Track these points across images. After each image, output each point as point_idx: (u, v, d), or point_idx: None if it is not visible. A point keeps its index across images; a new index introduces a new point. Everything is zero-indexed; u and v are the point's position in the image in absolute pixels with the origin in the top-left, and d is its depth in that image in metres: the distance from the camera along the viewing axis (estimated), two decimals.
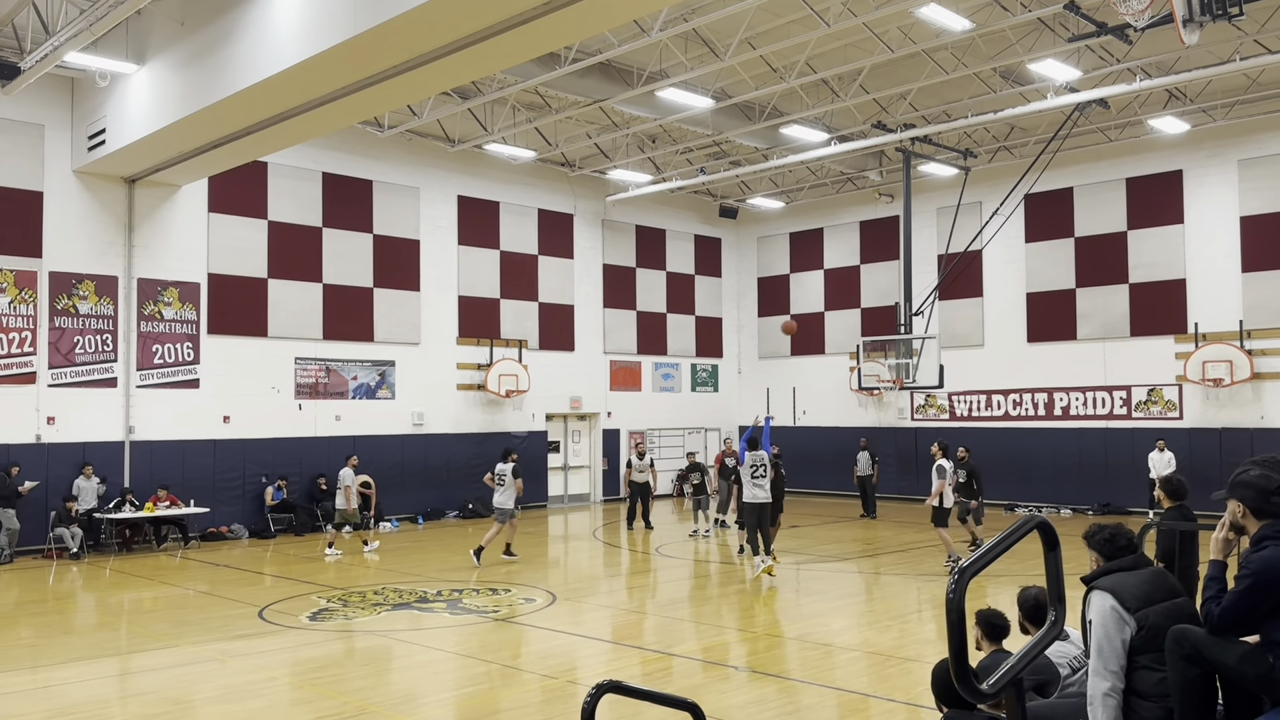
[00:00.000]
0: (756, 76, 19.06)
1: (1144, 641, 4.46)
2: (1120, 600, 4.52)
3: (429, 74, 13.33)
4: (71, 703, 8.69)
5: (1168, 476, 9.52)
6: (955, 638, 2.71)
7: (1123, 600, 4.53)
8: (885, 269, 27.57)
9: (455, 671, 9.92)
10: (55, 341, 18.42)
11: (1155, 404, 22.96)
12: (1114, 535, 4.83)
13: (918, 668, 9.46)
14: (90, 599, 14.29)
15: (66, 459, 18.32)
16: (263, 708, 8.65)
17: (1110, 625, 4.50)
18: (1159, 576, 4.75)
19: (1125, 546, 4.81)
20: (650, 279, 28.87)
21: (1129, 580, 4.62)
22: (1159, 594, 4.59)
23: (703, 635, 11.51)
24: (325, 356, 21.98)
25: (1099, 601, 4.55)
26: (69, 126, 18.62)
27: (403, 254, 23.39)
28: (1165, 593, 4.62)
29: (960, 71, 18.29)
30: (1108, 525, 4.94)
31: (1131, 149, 23.26)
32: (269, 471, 20.69)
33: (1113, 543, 4.81)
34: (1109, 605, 4.53)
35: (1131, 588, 4.57)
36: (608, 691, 3.69)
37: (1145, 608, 4.49)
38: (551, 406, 26.19)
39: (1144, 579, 4.66)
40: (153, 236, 19.69)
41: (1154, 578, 4.71)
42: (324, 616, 12.26)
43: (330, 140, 21.50)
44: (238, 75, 13.90)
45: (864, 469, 23.83)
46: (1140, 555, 4.81)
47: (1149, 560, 4.83)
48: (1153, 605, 4.51)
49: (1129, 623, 4.49)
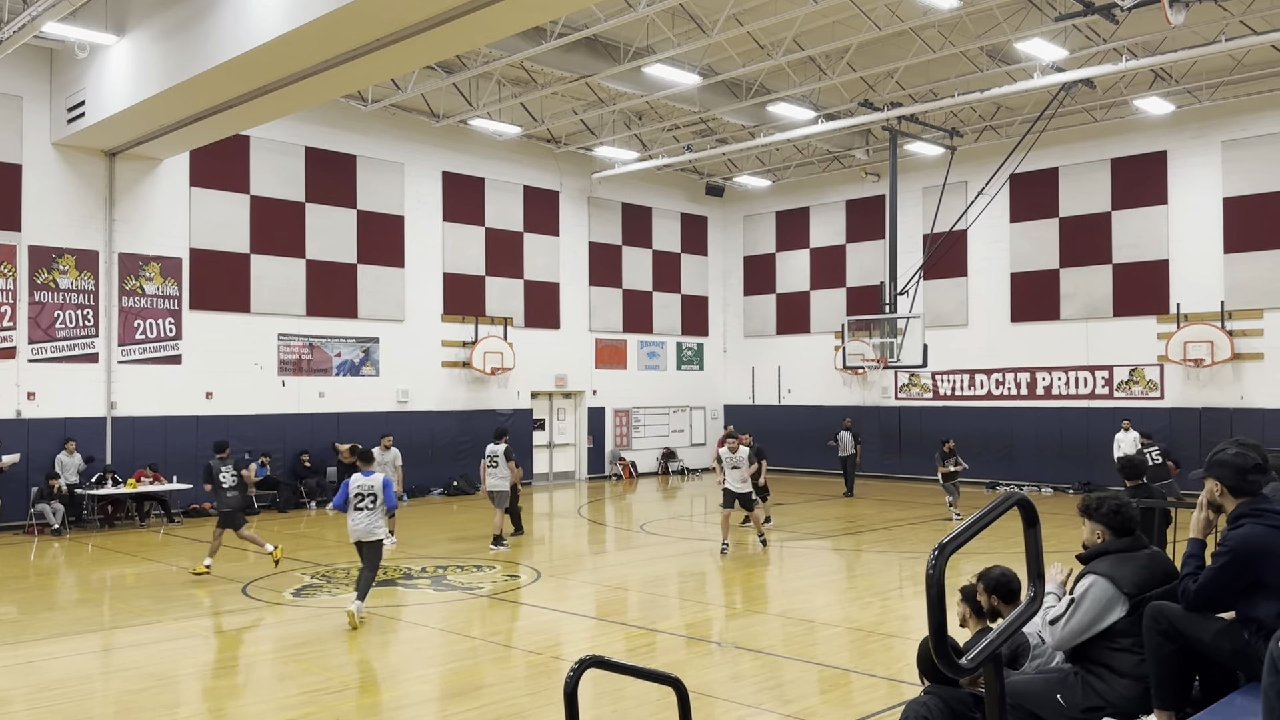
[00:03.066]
0: (744, 53, 18.98)
1: (1131, 624, 4.53)
2: (1118, 585, 4.58)
3: (413, 48, 13.21)
4: (54, 678, 8.68)
5: (1125, 457, 9.60)
6: (935, 613, 2.73)
7: (1120, 585, 4.58)
8: (871, 248, 27.59)
9: (439, 647, 9.95)
10: (35, 316, 18.26)
11: (1137, 384, 23.12)
12: (1120, 507, 4.85)
13: (899, 643, 9.55)
14: (72, 575, 14.25)
15: (48, 435, 18.21)
16: (246, 683, 8.66)
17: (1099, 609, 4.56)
18: (1155, 560, 4.80)
19: (1130, 520, 4.85)
20: (636, 257, 28.82)
21: (1127, 565, 4.67)
22: (1155, 579, 4.65)
23: (687, 611, 11.57)
24: (308, 333, 21.87)
25: (1097, 586, 4.60)
26: (48, 98, 18.39)
27: (387, 230, 23.26)
28: (1161, 577, 4.67)
29: (947, 50, 18.26)
30: (1109, 497, 4.94)
31: (1116, 129, 23.30)
32: (252, 448, 20.58)
33: (1120, 514, 4.83)
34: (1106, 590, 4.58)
35: (1130, 573, 4.63)
36: (590, 666, 3.70)
37: (1141, 593, 4.55)
38: (537, 384, 26.16)
39: (1141, 563, 4.71)
40: (134, 210, 19.50)
41: (1151, 561, 4.76)
42: (308, 593, 12.26)
43: (313, 114, 21.30)
44: (219, 47, 13.74)
45: (846, 448, 23.62)
46: (1138, 536, 4.85)
47: (1145, 541, 4.87)
48: (1149, 590, 4.56)
49: (1121, 608, 4.56)
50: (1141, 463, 9.38)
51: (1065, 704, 4.57)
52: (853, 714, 7.56)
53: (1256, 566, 4.18)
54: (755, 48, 18.70)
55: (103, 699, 8.23)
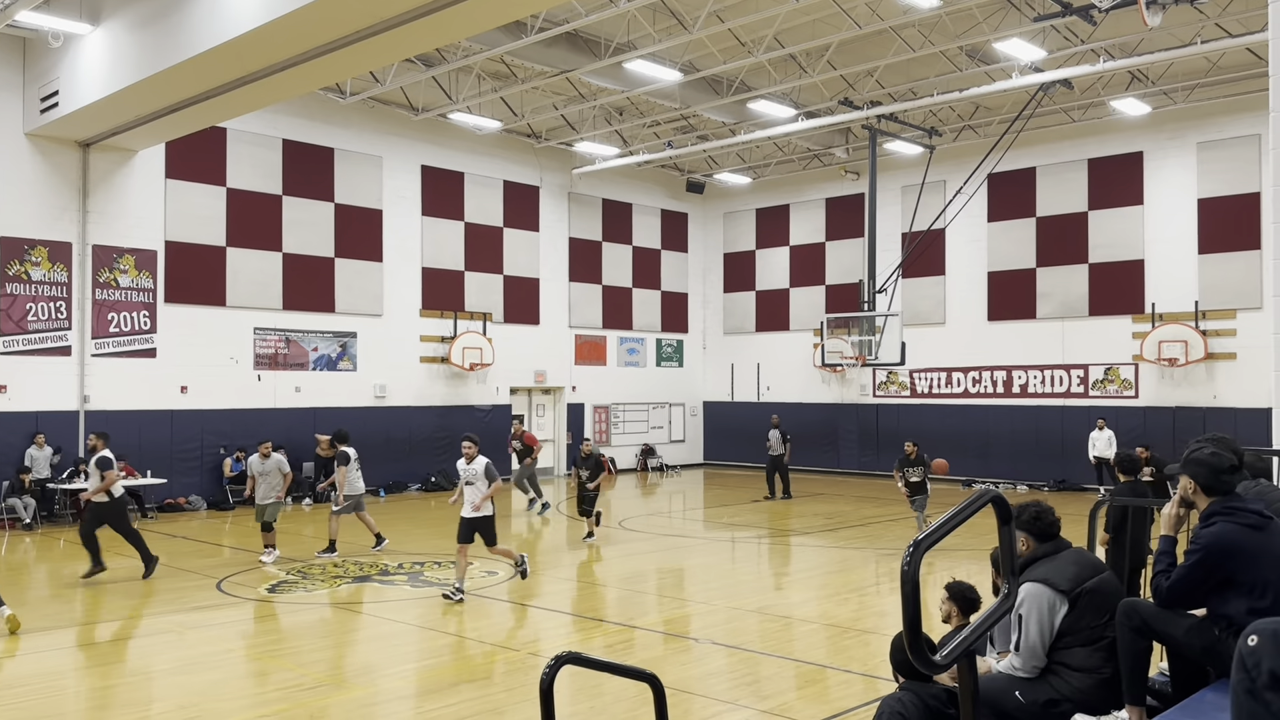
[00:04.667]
0: (725, 50, 18.98)
1: (1074, 620, 4.64)
2: (1053, 586, 4.71)
3: (392, 41, 13.14)
4: (25, 674, 8.58)
5: (1121, 453, 9.74)
6: (909, 610, 2.73)
7: (1055, 585, 4.72)
8: (850, 246, 27.68)
9: (415, 643, 9.91)
10: (7, 308, 18.04)
11: (1112, 383, 23.32)
12: (1040, 513, 4.99)
13: (875, 639, 9.59)
14: (44, 570, 14.09)
15: (18, 428, 17.99)
16: (221, 679, 8.59)
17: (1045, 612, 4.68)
18: (1081, 555, 4.95)
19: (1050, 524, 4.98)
20: (616, 253, 28.78)
21: (1056, 565, 4.81)
22: (1085, 572, 4.79)
23: (664, 608, 11.58)
24: (285, 327, 21.72)
25: (1033, 592, 4.71)
26: (20, 88, 18.15)
27: (365, 224, 23.12)
28: (1090, 570, 4.82)
29: (927, 49, 18.34)
30: (1032, 504, 5.07)
31: (1093, 130, 23.48)
32: (227, 443, 20.46)
33: (1040, 520, 4.97)
34: (1044, 593, 4.70)
35: (1061, 571, 4.78)
36: (567, 663, 3.70)
37: (1077, 587, 4.69)
38: (516, 380, 26.10)
39: (1069, 560, 4.84)
40: (108, 202, 19.29)
41: (1078, 557, 4.90)
42: (283, 589, 12.18)
43: (291, 106, 21.14)
44: (196, 38, 13.60)
45: (776, 448, 22.21)
46: (1059, 540, 4.97)
47: (1066, 541, 5.00)
48: (1083, 584, 4.70)
49: (1062, 607, 4.68)
50: (1136, 459, 9.50)
51: (1024, 700, 4.67)
52: (829, 710, 7.59)
53: (1228, 565, 4.23)
54: (736, 44, 18.71)
55: (74, 695, 8.14)
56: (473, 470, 11.42)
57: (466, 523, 11.41)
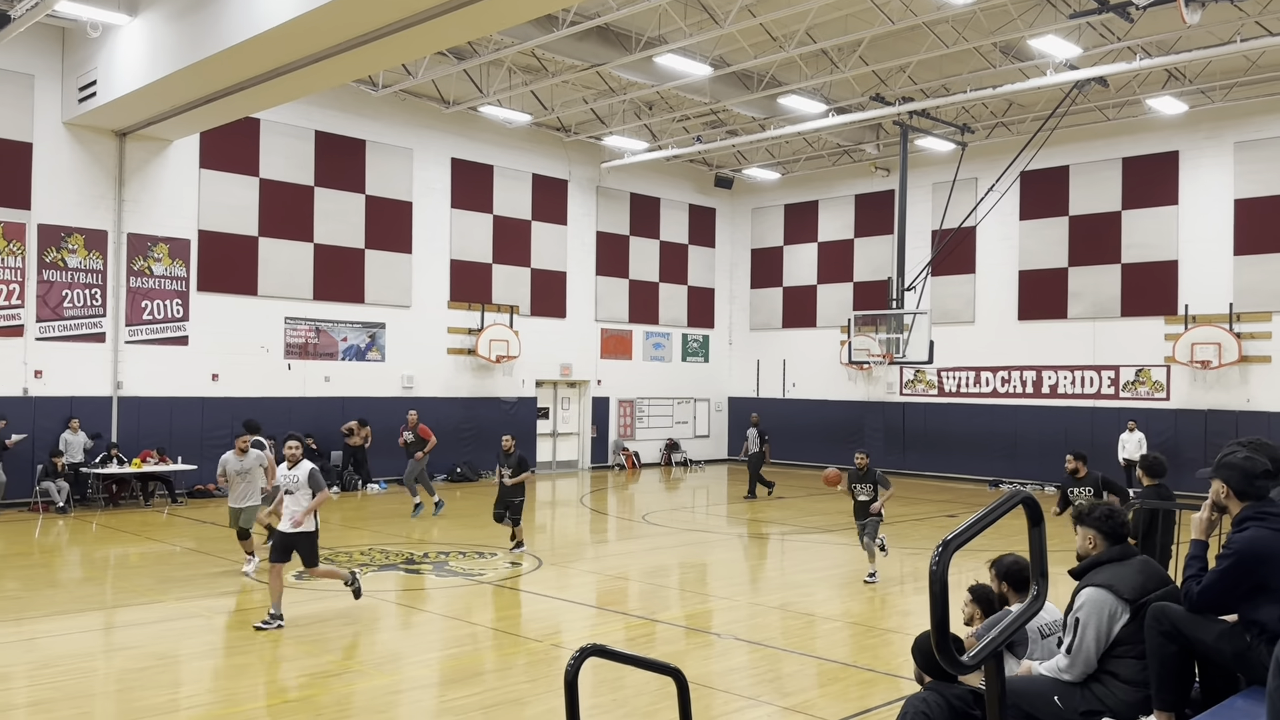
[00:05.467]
0: (756, 45, 18.91)
1: (1133, 631, 4.52)
2: (1118, 593, 4.58)
3: (425, 33, 13.18)
4: (56, 655, 8.72)
5: (1148, 455, 9.64)
6: (937, 609, 2.72)
7: (1120, 593, 4.58)
8: (879, 243, 27.52)
9: (440, 633, 9.98)
10: (44, 295, 18.30)
11: (1143, 384, 23.07)
12: (1112, 513, 4.86)
13: (898, 639, 9.55)
14: (76, 553, 14.30)
15: (53, 413, 18.26)
16: (247, 664, 8.69)
17: (1104, 619, 4.55)
18: (1148, 565, 4.81)
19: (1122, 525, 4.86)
20: (643, 247, 28.78)
21: (1123, 572, 4.67)
22: (1152, 583, 4.65)
23: (687, 602, 11.59)
24: (315, 317, 21.89)
25: (1095, 597, 4.59)
26: (59, 77, 18.39)
27: (395, 215, 23.25)
28: (1157, 582, 4.68)
29: (960, 45, 18.18)
30: (1103, 504, 4.97)
31: (1128, 128, 23.20)
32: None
33: (1112, 518, 4.84)
34: (1106, 599, 4.57)
35: (1127, 579, 4.63)
36: (591, 655, 3.71)
37: (1141, 598, 4.55)
38: (542, 373, 26.18)
39: (1136, 569, 4.71)
40: (143, 191, 19.52)
41: (1144, 566, 4.77)
42: (311, 575, 12.27)
43: (324, 98, 21.28)
44: (231, 29, 13.72)
45: (753, 446, 21.83)
46: (1127, 545, 4.86)
47: (1135, 548, 4.89)
48: (1147, 595, 4.56)
49: (1123, 615, 4.55)
50: (1161, 462, 9.39)
51: (1062, 706, 4.56)
52: (851, 708, 7.57)
53: (1260, 570, 4.17)
54: (767, 39, 18.63)
55: (104, 677, 8.27)
56: (294, 477, 9.85)
57: (283, 539, 9.84)
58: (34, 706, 7.44)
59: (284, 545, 9.83)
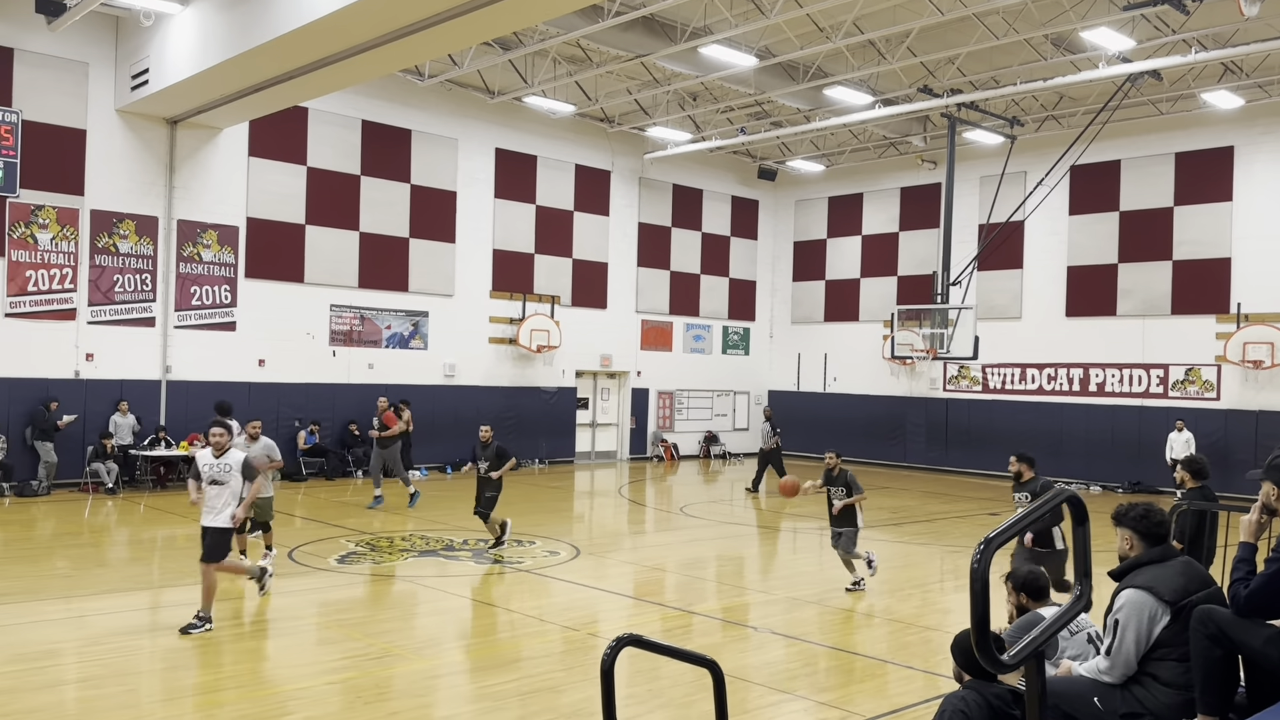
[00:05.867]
0: (802, 36, 18.76)
1: (1174, 633, 4.44)
2: (1158, 595, 4.49)
3: (470, 23, 13.24)
4: (104, 633, 8.91)
5: (1191, 456, 9.45)
6: (978, 607, 2.70)
7: (1160, 595, 4.50)
8: (924, 237, 27.23)
9: (479, 619, 10.06)
10: (95, 279, 18.66)
11: (1193, 384, 22.64)
12: (1149, 512, 4.78)
13: (937, 636, 9.47)
14: (124, 533, 14.59)
15: (104, 395, 18.63)
16: (289, 645, 8.82)
17: (1144, 621, 4.48)
18: (1190, 566, 4.72)
19: (1159, 524, 4.76)
20: (685, 239, 28.72)
21: (1163, 574, 4.59)
22: (1193, 585, 4.56)
23: (724, 595, 11.58)
24: (360, 305, 22.13)
25: (1135, 599, 4.51)
26: (113, 65, 18.71)
27: (439, 205, 23.41)
28: (1199, 583, 4.59)
29: (1010, 37, 17.91)
30: (1140, 503, 4.88)
31: (1182, 123, 22.73)
32: (302, 416, 20.94)
33: (1148, 518, 4.76)
34: (1146, 601, 4.50)
35: (1167, 580, 4.54)
36: (628, 645, 3.72)
37: (1182, 600, 4.47)
38: (582, 363, 26.25)
39: (1177, 570, 4.62)
40: (193, 178, 19.83)
41: (1186, 568, 4.68)
42: (352, 560, 12.45)
43: (370, 88, 21.47)
44: (280, 19, 13.87)
45: (766, 441, 21.59)
46: (1168, 546, 4.78)
47: (1175, 549, 4.80)
48: (1189, 596, 4.48)
49: (1164, 617, 4.47)
50: (1204, 463, 9.20)
51: (1103, 708, 4.50)
52: (888, 705, 7.53)
53: None
54: (814, 30, 18.47)
55: (150, 655, 8.43)
56: (224, 466, 9.06)
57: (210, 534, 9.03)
58: (83, 682, 7.61)
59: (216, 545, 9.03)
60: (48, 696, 7.26)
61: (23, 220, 17.84)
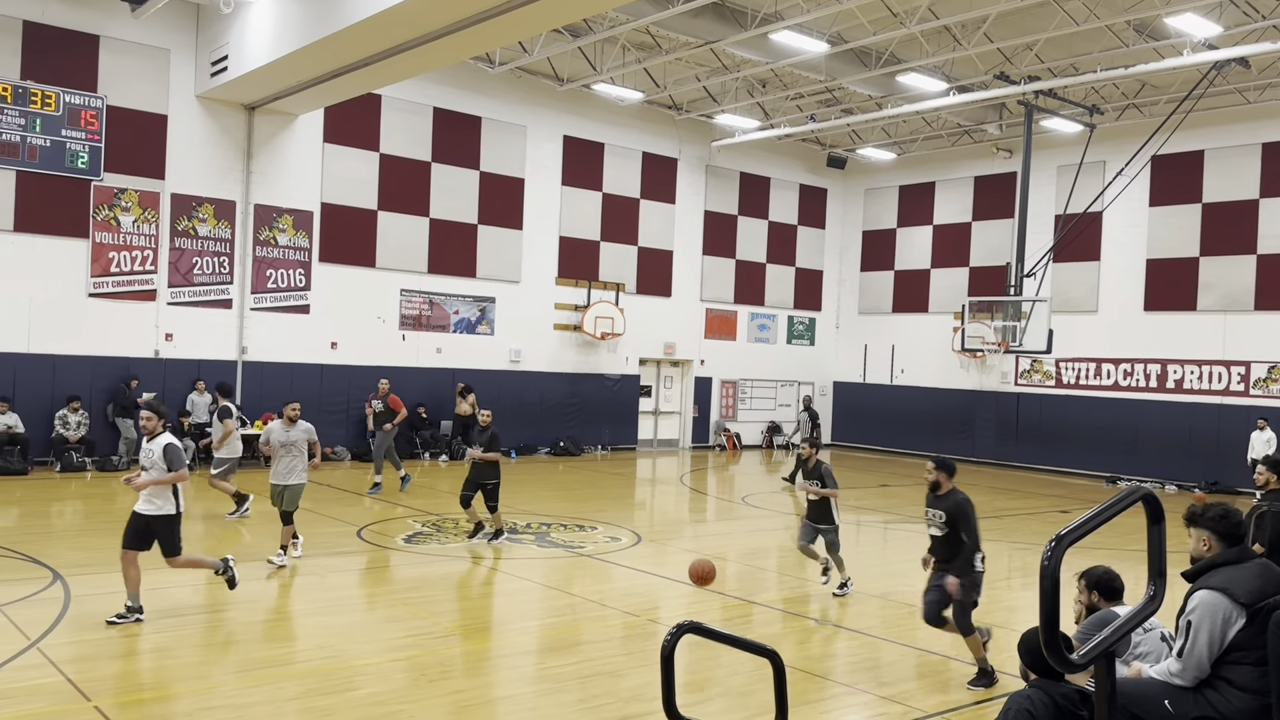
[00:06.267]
0: (875, 21, 18.48)
1: (1250, 636, 4.32)
2: (1233, 597, 4.38)
3: (541, 10, 13.29)
4: (175, 605, 9.17)
5: (1274, 455, 9.13)
6: (1047, 606, 2.64)
7: (1235, 596, 4.38)
8: (998, 227, 26.70)
9: (540, 601, 10.15)
10: (175, 261, 19.19)
11: (1276, 382, 21.88)
12: (1227, 513, 4.65)
13: (1003, 635, 9.31)
14: (198, 509, 14.98)
15: (182, 374, 19.18)
16: (357, 622, 9.00)
17: (1218, 623, 4.36)
18: (1267, 569, 4.59)
19: (1237, 526, 4.63)
20: (751, 228, 28.54)
21: (1239, 575, 4.47)
22: (1270, 588, 4.43)
23: (784, 586, 11.52)
24: (429, 290, 22.43)
25: (1209, 600, 4.40)
26: (193, 52, 19.17)
27: (507, 192, 23.59)
28: (1276, 586, 4.45)
29: (1091, 23, 17.41)
30: (1216, 504, 4.76)
31: (1270, 112, 21.91)
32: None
33: (1226, 519, 4.63)
34: (1221, 603, 4.38)
35: (1243, 582, 4.42)
36: (689, 632, 3.72)
37: (1258, 602, 4.35)
38: (645, 351, 26.28)
39: (1253, 573, 4.50)
40: (270, 164, 20.25)
41: (1263, 570, 4.55)
42: (418, 540, 12.66)
43: (442, 75, 21.68)
44: (355, 7, 14.07)
45: (804, 430, 22.21)
46: (1245, 547, 4.65)
47: (1251, 550, 4.67)
48: (1265, 600, 4.35)
49: (1239, 619, 4.35)
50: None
51: (1173, 711, 4.39)
52: (951, 702, 7.43)
53: None
54: (887, 15, 18.18)
55: (222, 629, 8.67)
56: (149, 451, 8.49)
57: (138, 521, 8.47)
58: (157, 652, 7.85)
59: (140, 530, 8.47)
60: (123, 665, 7.51)
61: (106, 203, 18.40)
